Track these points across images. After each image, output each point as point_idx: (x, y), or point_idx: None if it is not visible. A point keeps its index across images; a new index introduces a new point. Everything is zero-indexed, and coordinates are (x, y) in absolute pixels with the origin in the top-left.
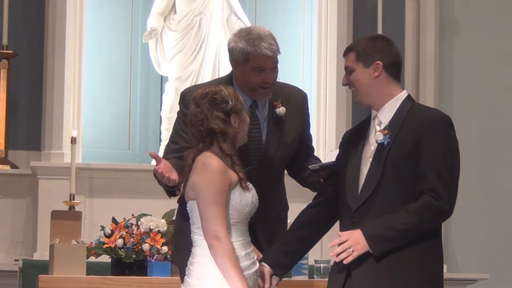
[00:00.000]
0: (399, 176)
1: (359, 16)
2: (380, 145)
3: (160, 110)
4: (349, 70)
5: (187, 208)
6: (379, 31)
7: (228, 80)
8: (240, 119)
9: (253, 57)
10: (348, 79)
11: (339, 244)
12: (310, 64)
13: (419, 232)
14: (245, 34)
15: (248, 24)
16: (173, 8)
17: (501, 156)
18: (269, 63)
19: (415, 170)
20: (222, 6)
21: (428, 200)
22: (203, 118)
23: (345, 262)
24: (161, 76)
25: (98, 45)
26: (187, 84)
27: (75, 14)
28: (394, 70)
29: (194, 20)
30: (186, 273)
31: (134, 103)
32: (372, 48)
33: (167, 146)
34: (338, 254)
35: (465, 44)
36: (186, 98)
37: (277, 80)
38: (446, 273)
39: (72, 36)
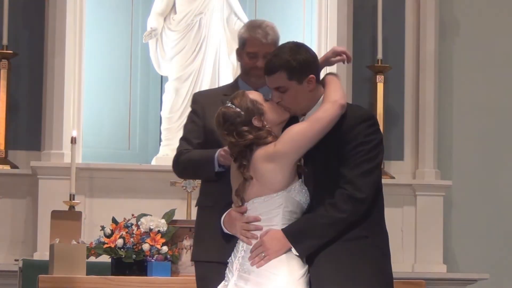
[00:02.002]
0: (327, 176)
1: (359, 16)
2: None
3: (160, 110)
4: (281, 90)
5: (249, 205)
6: (379, 31)
7: (234, 80)
8: (261, 114)
9: (248, 42)
10: (280, 97)
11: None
12: None
13: (342, 223)
14: (250, 23)
15: None
16: (173, 8)
17: (500, 156)
18: (262, 49)
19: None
20: (222, 6)
21: (340, 191)
22: (234, 142)
23: (257, 266)
24: (161, 76)
25: (98, 45)
26: (187, 84)
27: (75, 14)
28: (319, 74)
29: (194, 20)
30: (246, 269)
31: (134, 103)
32: (300, 63)
33: (179, 143)
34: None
35: (465, 44)
36: (194, 96)
37: None
38: (446, 273)
39: (72, 36)
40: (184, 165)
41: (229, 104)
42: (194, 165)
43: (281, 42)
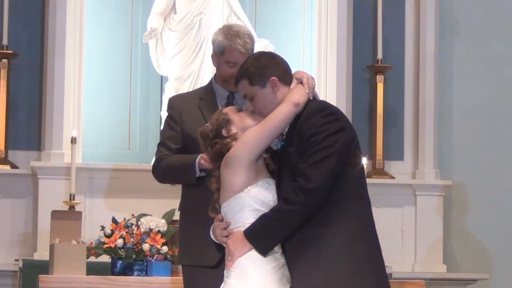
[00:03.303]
0: (291, 174)
1: (359, 16)
2: (278, 150)
3: (160, 110)
4: (249, 98)
5: (222, 212)
6: (379, 31)
7: (208, 82)
8: (227, 122)
9: (227, 51)
10: (253, 105)
11: None
12: (310, 63)
13: (294, 216)
14: (226, 30)
15: (248, 24)
16: (173, 8)
17: (501, 156)
18: (241, 58)
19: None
20: (222, 6)
21: (291, 184)
22: (209, 155)
23: (226, 268)
24: (161, 76)
25: (98, 45)
26: (187, 84)
27: (75, 14)
28: (287, 77)
29: (194, 20)
30: (226, 274)
31: (134, 103)
32: (259, 67)
33: (158, 149)
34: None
35: (465, 44)
36: (169, 101)
37: None
38: (446, 273)
39: (72, 36)
40: (164, 171)
41: (207, 123)
42: (175, 170)
43: (280, 41)
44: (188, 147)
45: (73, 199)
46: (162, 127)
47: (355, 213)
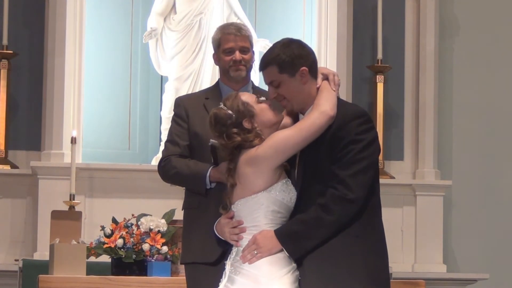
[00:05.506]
0: (317, 174)
1: (359, 16)
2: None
3: (160, 110)
4: (275, 85)
5: (234, 208)
6: (379, 31)
7: (215, 83)
8: (252, 116)
9: (222, 40)
10: (276, 92)
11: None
12: None
13: (332, 225)
14: (221, 25)
15: (248, 24)
16: (173, 8)
17: (501, 156)
18: (237, 43)
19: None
20: (222, 6)
21: (331, 192)
22: (224, 144)
23: (249, 263)
24: (161, 76)
25: (98, 45)
26: (187, 84)
27: (75, 14)
28: (314, 69)
29: (194, 20)
30: (234, 271)
31: (134, 103)
32: (291, 55)
33: (166, 146)
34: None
35: (465, 44)
36: (176, 101)
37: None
38: (446, 273)
39: (72, 36)
40: (172, 174)
41: (221, 106)
42: (184, 177)
43: None
44: (193, 145)
45: (73, 199)
46: (167, 126)
47: (373, 222)
